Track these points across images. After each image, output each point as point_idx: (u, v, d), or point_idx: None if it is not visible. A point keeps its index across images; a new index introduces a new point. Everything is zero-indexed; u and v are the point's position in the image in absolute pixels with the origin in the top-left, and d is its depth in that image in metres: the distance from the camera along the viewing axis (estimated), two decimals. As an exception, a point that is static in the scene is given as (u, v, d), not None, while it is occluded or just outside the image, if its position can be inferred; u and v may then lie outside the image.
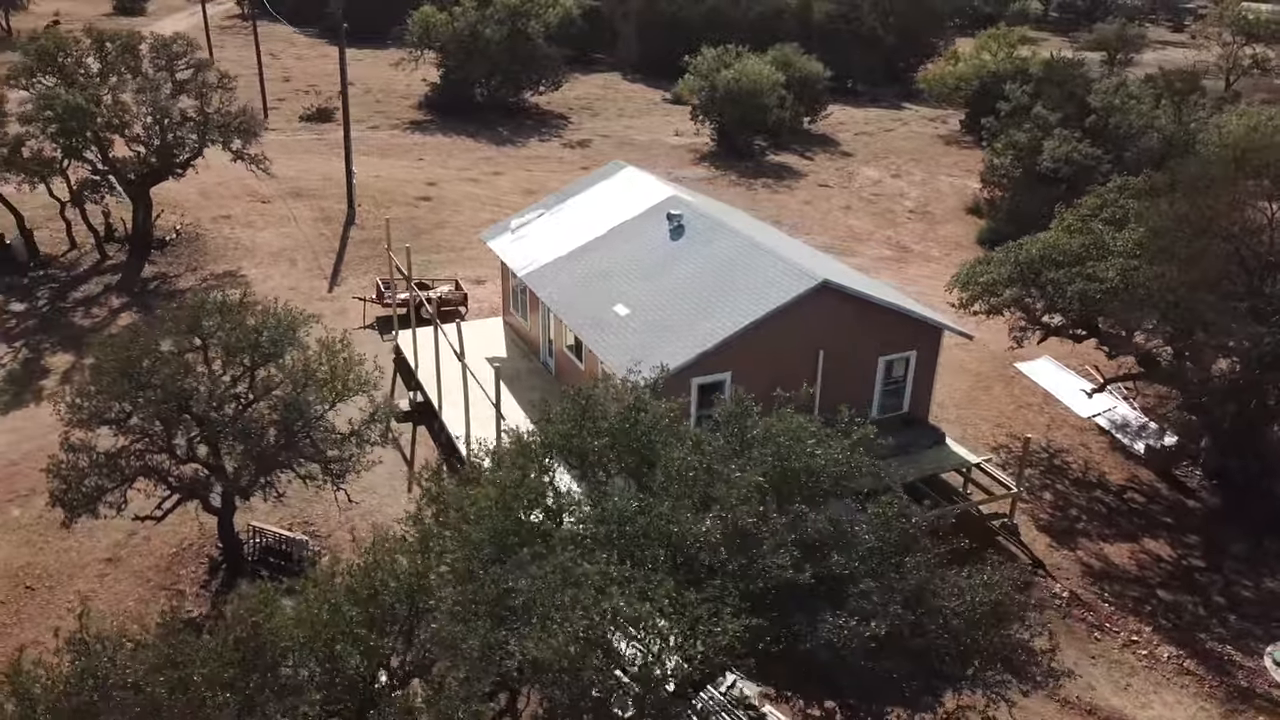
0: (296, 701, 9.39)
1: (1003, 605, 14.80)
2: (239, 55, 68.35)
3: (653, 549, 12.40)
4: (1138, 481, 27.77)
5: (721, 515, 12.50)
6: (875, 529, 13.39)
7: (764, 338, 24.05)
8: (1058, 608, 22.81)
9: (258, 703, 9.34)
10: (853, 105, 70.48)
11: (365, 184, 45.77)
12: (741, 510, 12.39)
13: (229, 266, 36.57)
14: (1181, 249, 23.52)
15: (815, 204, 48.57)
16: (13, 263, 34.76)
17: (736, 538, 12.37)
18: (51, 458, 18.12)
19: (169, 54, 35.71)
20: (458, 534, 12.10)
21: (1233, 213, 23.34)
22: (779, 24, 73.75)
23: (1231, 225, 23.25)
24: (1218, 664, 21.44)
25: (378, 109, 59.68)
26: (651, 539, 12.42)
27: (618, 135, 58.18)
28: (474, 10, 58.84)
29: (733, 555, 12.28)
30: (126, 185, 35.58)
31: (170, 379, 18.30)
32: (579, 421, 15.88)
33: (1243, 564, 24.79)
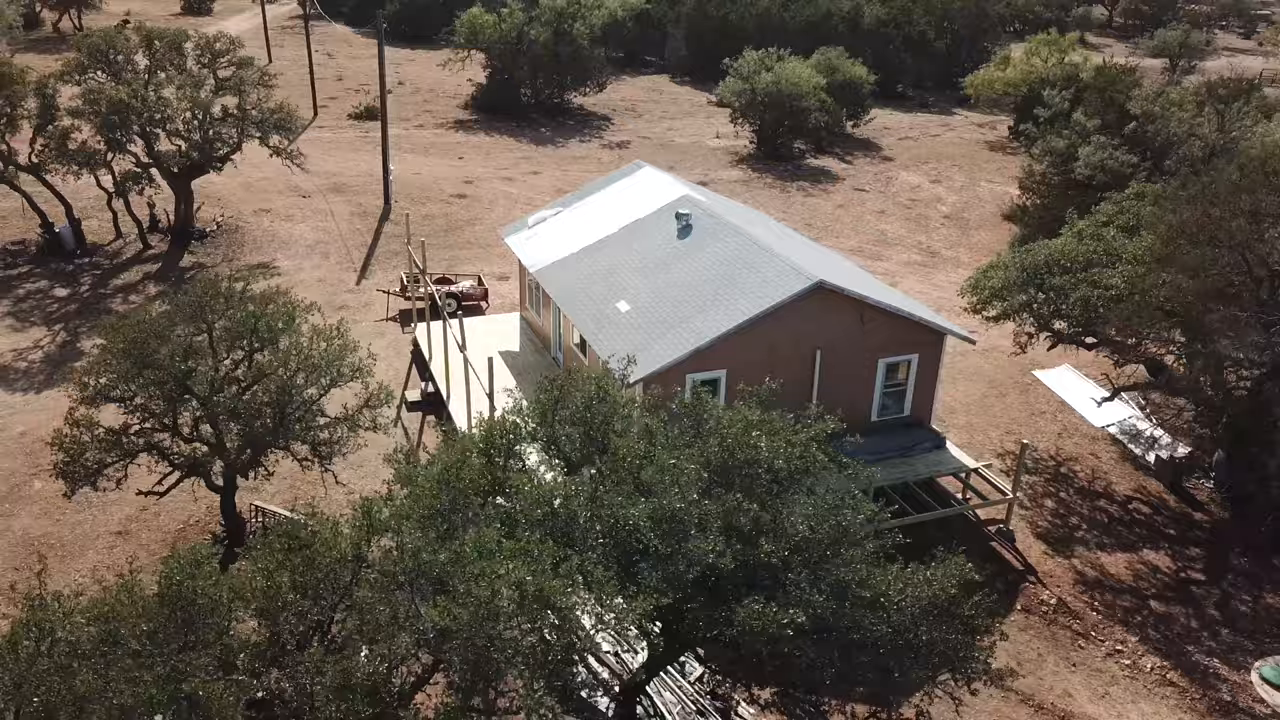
0: (218, 658, 10.01)
1: (941, 600, 14.95)
2: (297, 54, 70.20)
3: (586, 530, 12.83)
4: (1145, 493, 27.43)
5: (653, 500, 12.88)
6: (809, 520, 13.64)
7: (759, 336, 24.33)
8: (1043, 614, 22.72)
9: (182, 658, 9.97)
10: (901, 110, 70.06)
11: (404, 180, 46.88)
12: (671, 495, 12.76)
13: (264, 258, 37.82)
14: (1184, 256, 23.25)
15: (849, 208, 48.51)
16: (61, 250, 36.34)
17: (665, 523, 12.75)
18: (56, 431, 19.15)
19: (212, 52, 37.01)
20: (399, 509, 12.68)
21: (1235, 221, 22.97)
22: (829, 28, 73.60)
23: (1235, 235, 22.89)
24: (1202, 677, 21.19)
25: (425, 108, 60.93)
26: (584, 521, 12.85)
27: (658, 137, 58.65)
28: (521, 12, 59.83)
29: (661, 539, 12.66)
30: (169, 178, 36.99)
31: (173, 360, 19.16)
32: (551, 409, 16.44)
33: (1245, 579, 24.40)
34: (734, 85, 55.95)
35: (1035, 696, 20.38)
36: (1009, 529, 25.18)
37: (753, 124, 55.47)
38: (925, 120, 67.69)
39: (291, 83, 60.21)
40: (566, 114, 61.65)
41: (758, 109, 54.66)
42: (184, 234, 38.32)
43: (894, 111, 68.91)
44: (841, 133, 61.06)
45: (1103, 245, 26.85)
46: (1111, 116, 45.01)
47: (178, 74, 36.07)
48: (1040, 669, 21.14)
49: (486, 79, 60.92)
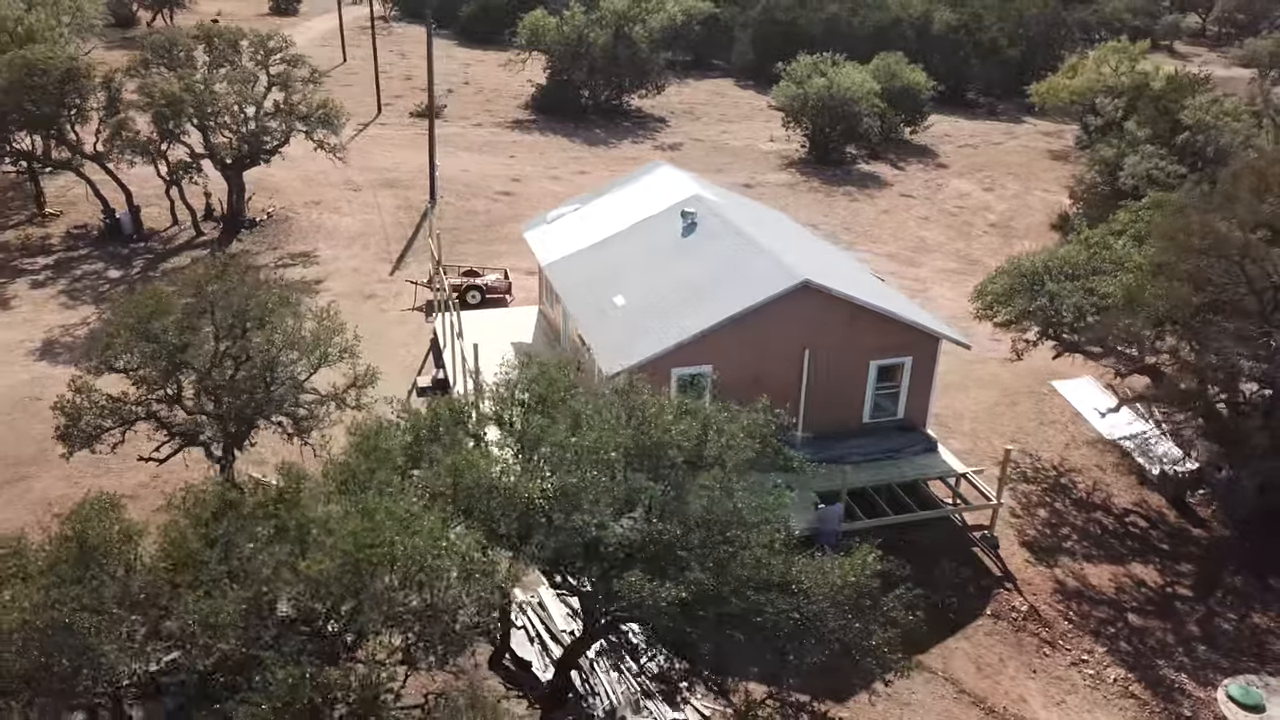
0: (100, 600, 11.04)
1: (852, 590, 15.23)
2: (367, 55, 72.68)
3: (486, 503, 13.57)
4: (1145, 507, 26.99)
5: (552, 476, 13.55)
6: (706, 502, 14.09)
7: (746, 333, 24.71)
8: (1013, 621, 22.63)
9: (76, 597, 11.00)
10: (966, 117, 69.28)
11: (453, 177, 48.30)
12: (566, 471, 13.41)
13: (306, 247, 39.50)
14: (1180, 265, 22.91)
15: (893, 214, 48.29)
16: (119, 235, 38.55)
17: (558, 497, 13.40)
18: (60, 396, 20.64)
19: (265, 50, 38.82)
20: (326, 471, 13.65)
21: (1236, 232, 22.57)
22: (897, 33, 73.11)
23: (1228, 244, 22.49)
24: (1166, 691, 20.91)
25: (486, 107, 62.47)
26: (487, 494, 13.58)
27: (711, 140, 59.11)
28: (582, 15, 60.95)
29: (553, 513, 13.31)
30: (222, 168, 38.93)
31: (165, 334, 20.49)
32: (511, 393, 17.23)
33: (1234, 597, 23.90)
34: (787, 89, 56.13)
35: (988, 700, 20.38)
36: (993, 535, 25.08)
37: (804, 128, 55.54)
38: (989, 128, 66.77)
39: (363, 81, 62.44)
40: (623, 115, 62.54)
41: (809, 113, 54.73)
42: (235, 222, 40.25)
43: (958, 119, 68.17)
44: (898, 139, 60.70)
45: (1108, 253, 26.54)
46: (1164, 126, 44.06)
47: (232, 70, 37.88)
48: (999, 673, 21.12)
49: (546, 80, 62.14)
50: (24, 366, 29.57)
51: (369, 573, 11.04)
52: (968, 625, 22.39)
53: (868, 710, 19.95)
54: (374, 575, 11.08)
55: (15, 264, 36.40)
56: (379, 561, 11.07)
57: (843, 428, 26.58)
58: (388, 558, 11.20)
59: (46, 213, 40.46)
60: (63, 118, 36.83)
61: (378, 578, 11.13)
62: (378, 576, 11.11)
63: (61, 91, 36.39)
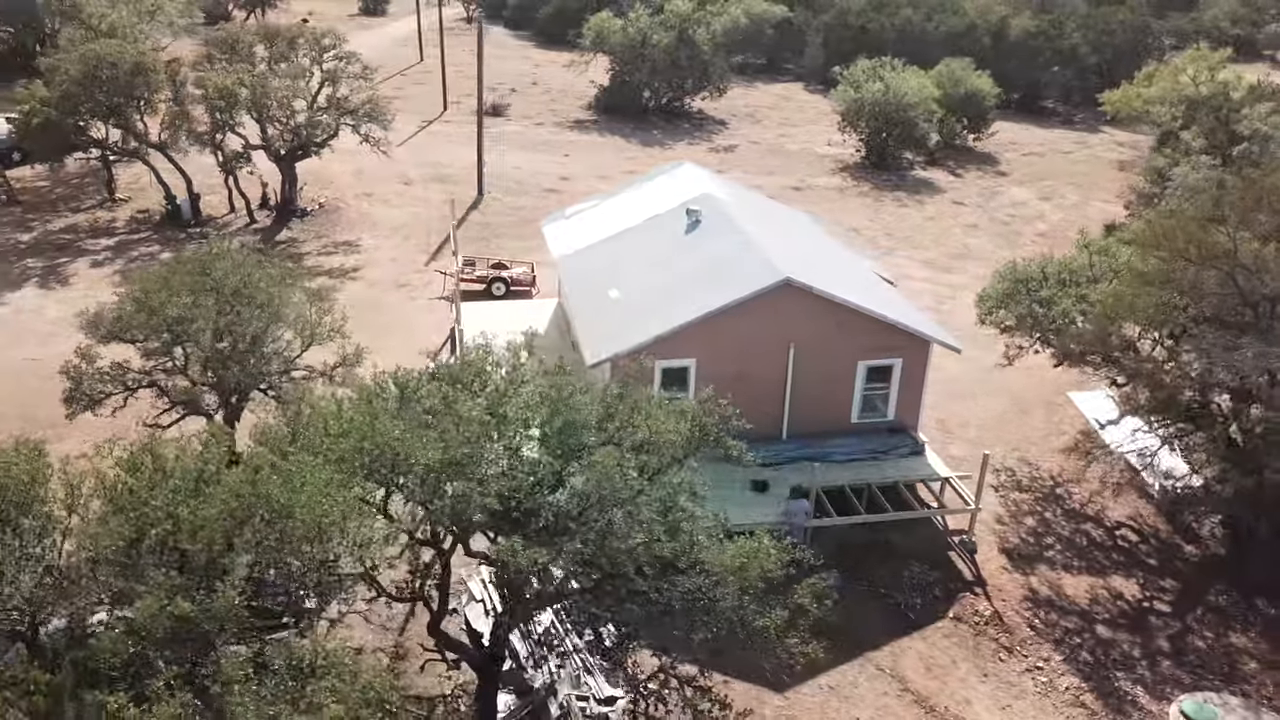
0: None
1: (758, 576, 15.62)
2: (449, 55, 74.78)
3: (389, 470, 14.47)
4: (1140, 520, 26.48)
5: (448, 446, 14.37)
6: (591, 478, 14.68)
7: (729, 328, 25.15)
8: (974, 624, 22.56)
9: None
10: (1040, 125, 67.88)
11: (505, 174, 49.68)
12: (458, 442, 14.20)
13: (350, 237, 41.22)
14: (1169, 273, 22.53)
15: (939, 220, 47.83)
16: (178, 220, 40.85)
17: (450, 466, 14.20)
18: (67, 362, 22.30)
19: (319, 47, 40.68)
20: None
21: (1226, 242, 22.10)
22: (972, 39, 72.06)
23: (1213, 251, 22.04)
24: (1118, 703, 20.60)
25: (550, 107, 63.80)
26: (391, 461, 14.47)
27: (769, 143, 59.30)
28: (647, 17, 61.82)
29: (444, 480, 14.14)
30: (275, 159, 40.94)
31: (163, 307, 22.01)
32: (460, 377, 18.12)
33: (1215, 615, 23.34)
34: (844, 94, 56.02)
35: (931, 699, 20.43)
36: (971, 540, 24.97)
37: (860, 133, 55.32)
38: (1061, 137, 65.30)
39: (437, 80, 64.35)
40: (684, 117, 63.15)
41: (866, 118, 54.51)
42: (287, 211, 42.24)
43: (1030, 126, 66.86)
44: (961, 145, 59.95)
45: (1108, 260, 26.15)
46: (1222, 137, 42.72)
47: (286, 66, 39.82)
48: (949, 674, 21.13)
49: (609, 81, 63.15)
50: (68, 338, 31.63)
51: (242, 519, 12.02)
52: (927, 626, 22.42)
53: (805, 700, 20.24)
54: (245, 522, 12.06)
55: (80, 244, 38.92)
56: (251, 509, 12.05)
57: (831, 427, 26.79)
58: (264, 506, 12.17)
59: (116, 198, 43.10)
60: (130, 108, 39.24)
61: (247, 525, 12.09)
62: (248, 524, 12.08)
63: (130, 84, 38.80)
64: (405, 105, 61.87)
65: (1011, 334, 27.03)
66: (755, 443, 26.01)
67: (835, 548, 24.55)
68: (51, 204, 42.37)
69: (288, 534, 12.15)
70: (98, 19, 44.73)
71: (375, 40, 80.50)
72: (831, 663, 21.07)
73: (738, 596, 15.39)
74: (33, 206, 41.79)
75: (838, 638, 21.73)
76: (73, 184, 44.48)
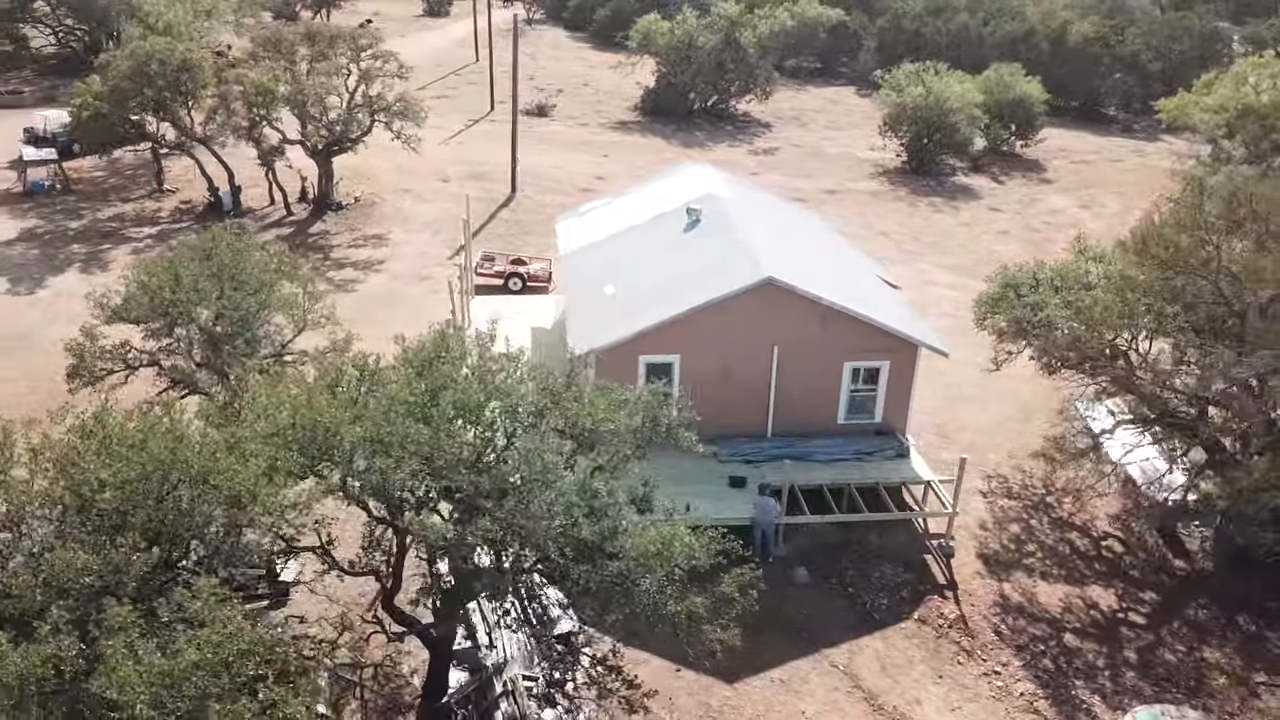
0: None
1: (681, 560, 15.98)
2: (502, 56, 76.01)
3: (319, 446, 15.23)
4: (1128, 532, 26.08)
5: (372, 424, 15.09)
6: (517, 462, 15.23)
7: (713, 326, 25.50)
8: (937, 627, 22.54)
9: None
10: (1096, 133, 66.62)
11: (542, 173, 50.56)
12: (381, 420, 14.90)
13: (380, 231, 42.45)
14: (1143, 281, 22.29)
15: (972, 227, 47.36)
16: (219, 210, 42.52)
17: (373, 443, 14.90)
18: (71, 339, 23.59)
19: (356, 47, 41.98)
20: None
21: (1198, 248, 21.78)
22: (1030, 44, 71.02)
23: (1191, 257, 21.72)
24: (1071, 711, 20.41)
25: (597, 108, 64.59)
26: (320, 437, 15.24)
27: (810, 146, 59.25)
28: (694, 19, 62.26)
29: (366, 456, 14.85)
30: (312, 154, 42.37)
31: (161, 292, 23.17)
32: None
33: (1191, 630, 22.92)
34: (886, 97, 55.77)
35: (880, 698, 20.51)
36: (948, 544, 24.89)
37: (900, 137, 54.98)
38: (1115, 144, 63.98)
39: (494, 78, 65.44)
40: (728, 120, 63.41)
41: (907, 122, 54.19)
42: (323, 205, 43.66)
43: (1084, 134, 65.68)
44: (1008, 151, 59.20)
45: (1101, 266, 25.84)
46: (1266, 145, 41.59)
47: (323, 64, 41.20)
48: (903, 675, 21.17)
49: (655, 82, 63.70)
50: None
51: (157, 481, 12.87)
52: (889, 627, 22.48)
53: (753, 691, 20.50)
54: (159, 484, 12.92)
55: (124, 232, 40.78)
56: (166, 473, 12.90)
57: (817, 427, 26.92)
58: (182, 471, 13.01)
59: (165, 189, 44.99)
60: (176, 103, 40.98)
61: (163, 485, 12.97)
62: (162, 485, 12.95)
63: (177, 79, 40.54)
64: (455, 104, 63.50)
65: (1002, 339, 26.84)
66: (740, 440, 26.79)
67: (810, 545, 24.84)
68: (104, 193, 44.44)
69: (202, 497, 12.94)
70: (155, 17, 46.75)
71: (436, 40, 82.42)
72: (786, 657, 21.45)
73: (660, 583, 15.76)
74: (86, 195, 43.89)
75: (797, 633, 22.18)
76: (126, 175, 46.58)
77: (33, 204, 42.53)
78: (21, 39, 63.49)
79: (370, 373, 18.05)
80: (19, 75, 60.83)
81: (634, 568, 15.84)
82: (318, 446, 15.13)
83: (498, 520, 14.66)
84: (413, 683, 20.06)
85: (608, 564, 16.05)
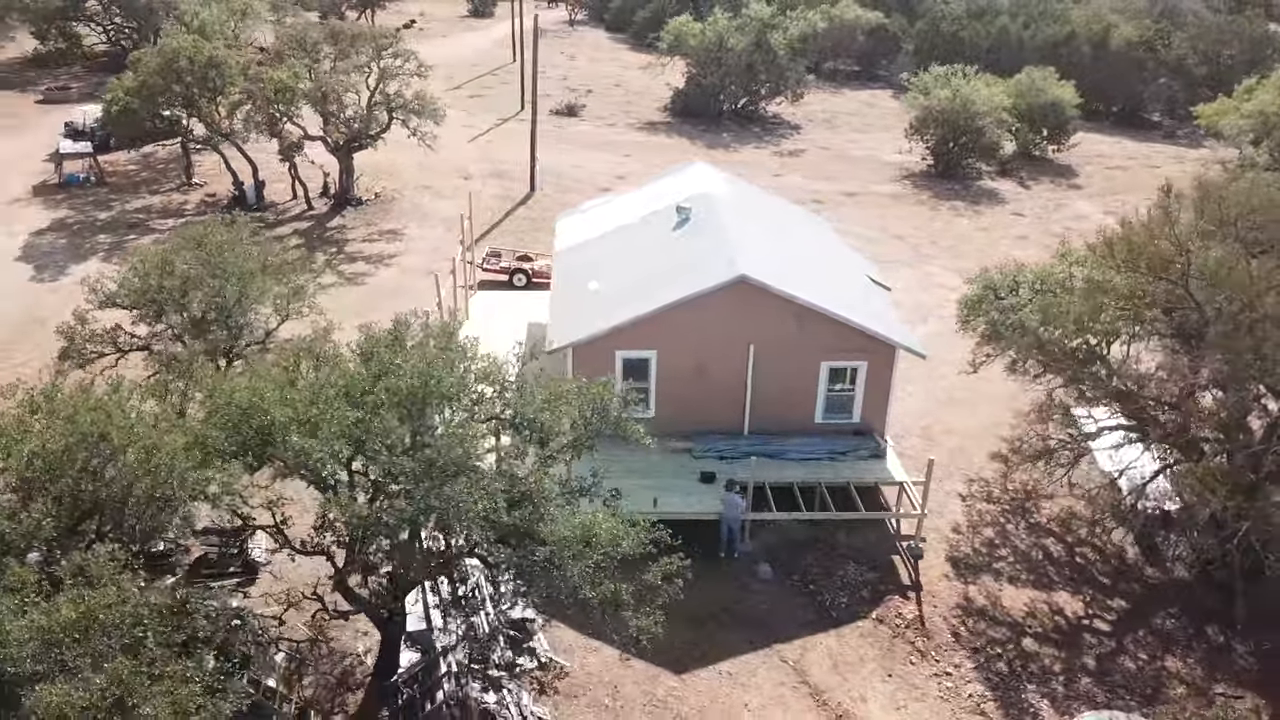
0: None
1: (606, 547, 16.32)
2: (541, 56, 76.77)
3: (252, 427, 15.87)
4: (1106, 539, 25.76)
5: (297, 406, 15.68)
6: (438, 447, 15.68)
7: (689, 323, 25.72)
8: (895, 627, 22.54)
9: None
10: (1134, 138, 65.43)
11: (563, 172, 51.13)
12: (309, 403, 15.46)
13: (397, 226, 43.33)
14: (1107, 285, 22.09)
15: (990, 231, 46.90)
16: (242, 203, 43.73)
17: (301, 424, 15.47)
18: (63, 322, 24.59)
19: (376, 45, 42.89)
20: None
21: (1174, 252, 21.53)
22: (1071, 48, 69.96)
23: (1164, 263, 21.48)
24: (1018, 715, 20.32)
25: (626, 109, 65.02)
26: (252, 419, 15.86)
27: (837, 148, 59.05)
28: (726, 20, 62.41)
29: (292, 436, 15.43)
30: (332, 150, 43.40)
31: (146, 278, 24.09)
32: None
33: (1156, 638, 22.63)
34: (913, 100, 55.43)
35: (826, 693, 20.61)
36: (917, 545, 24.83)
37: (926, 141, 54.57)
38: (1155, 150, 62.74)
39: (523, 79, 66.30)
40: (757, 121, 63.42)
41: (930, 125, 53.81)
42: (343, 200, 44.67)
43: (1123, 139, 64.54)
44: (1039, 156, 58.47)
45: (1081, 269, 25.59)
46: (1294, 153, 40.62)
47: (343, 62, 42.18)
48: (853, 672, 21.23)
49: (685, 84, 63.95)
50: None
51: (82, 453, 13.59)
52: (846, 625, 22.54)
53: (699, 682, 20.72)
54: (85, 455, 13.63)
55: (149, 223, 42.14)
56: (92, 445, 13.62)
57: (794, 425, 27.01)
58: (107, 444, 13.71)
59: (193, 183, 46.40)
60: (203, 99, 42.25)
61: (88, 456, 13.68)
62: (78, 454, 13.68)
63: (205, 76, 41.80)
64: (487, 103, 64.43)
65: (982, 342, 26.70)
66: (716, 437, 27.00)
67: (777, 542, 24.99)
68: (134, 186, 45.96)
69: (124, 470, 13.62)
70: (190, 16, 48.26)
71: (478, 40, 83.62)
72: (737, 650, 21.65)
73: (585, 569, 16.08)
74: (118, 188, 45.43)
75: (753, 628, 22.36)
76: (158, 169, 48.11)
77: (66, 195, 44.14)
78: (74, 37, 65.75)
79: (327, 359, 18.72)
80: (69, 72, 63.05)
81: (561, 553, 16.20)
82: (250, 427, 15.73)
83: (414, 501, 15.11)
84: (366, 661, 20.63)
85: (536, 549, 16.45)
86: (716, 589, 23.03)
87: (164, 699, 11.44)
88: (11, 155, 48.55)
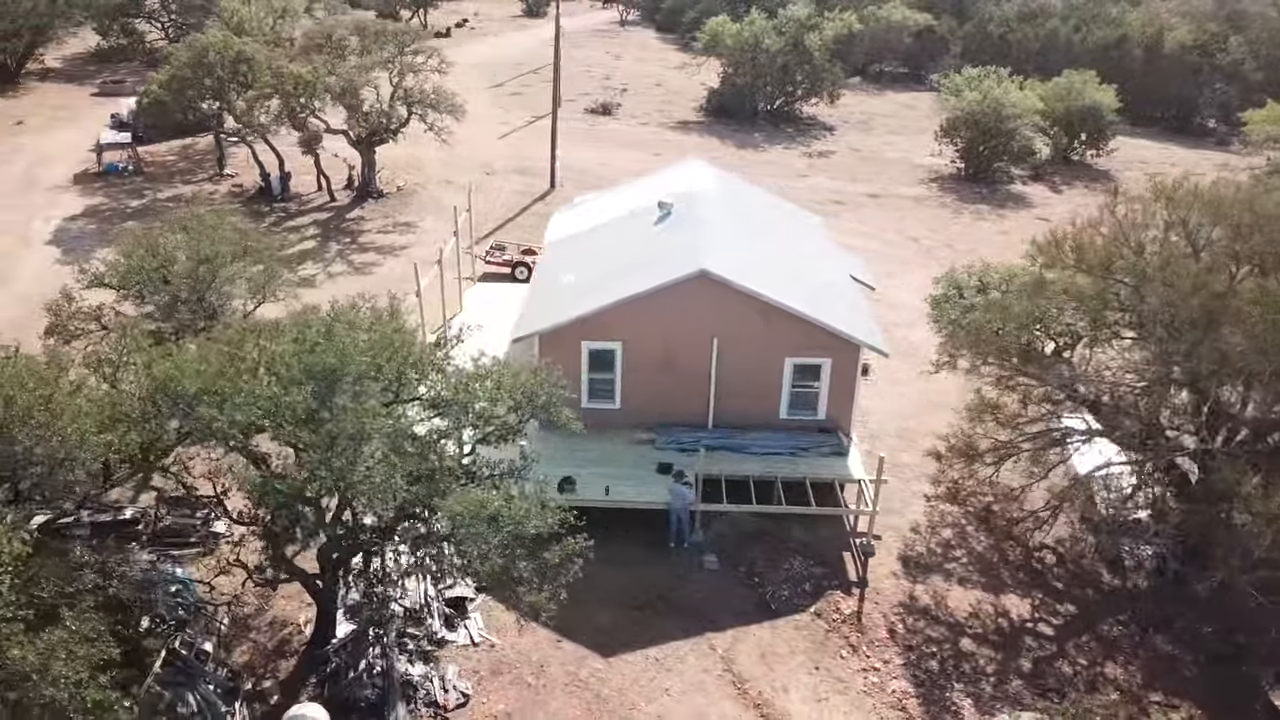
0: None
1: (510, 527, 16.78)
2: (587, 55, 77.90)
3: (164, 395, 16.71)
4: (1067, 546, 25.39)
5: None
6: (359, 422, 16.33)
7: (653, 315, 26.03)
8: (830, 621, 22.56)
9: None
10: (1184, 144, 63.82)
11: (587, 170, 51.69)
12: (214, 375, 16.25)
13: (412, 218, 44.36)
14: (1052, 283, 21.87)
15: (1010, 235, 46.16)
16: (267, 195, 45.22)
17: (209, 395, 16.25)
18: (50, 300, 25.87)
19: (400, 42, 43.97)
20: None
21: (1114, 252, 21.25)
22: (1123, 51, 68.46)
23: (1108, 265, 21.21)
24: (939, 712, 20.22)
25: (662, 108, 65.38)
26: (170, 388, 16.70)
27: (868, 150, 58.67)
28: (763, 21, 62.43)
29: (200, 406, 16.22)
30: (354, 144, 44.63)
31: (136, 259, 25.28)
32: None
33: (1100, 645, 22.28)
34: (945, 103, 54.84)
35: (747, 682, 20.74)
36: (869, 543, 24.79)
37: (955, 144, 53.94)
38: (1203, 157, 61.02)
39: (570, 77, 66.93)
40: (791, 122, 63.28)
41: (960, 128, 53.19)
42: (364, 192, 45.89)
43: (1171, 145, 63.03)
44: (1077, 161, 57.41)
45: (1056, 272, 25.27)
46: (1320, 159, 39.32)
47: (365, 58, 43.34)
48: (779, 664, 21.31)
49: (720, 83, 64.11)
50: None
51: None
52: (783, 617, 22.61)
53: (625, 666, 21.01)
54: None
55: (178, 211, 43.70)
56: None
57: (759, 420, 27.13)
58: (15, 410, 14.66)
59: (225, 174, 48.07)
60: (232, 93, 43.79)
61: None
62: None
63: (234, 70, 43.34)
64: (524, 100, 65.32)
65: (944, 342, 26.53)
66: (679, 429, 27.27)
67: (729, 534, 25.15)
68: (169, 176, 47.77)
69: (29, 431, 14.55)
70: (229, 14, 50.02)
71: (526, 39, 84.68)
72: (669, 637, 21.90)
73: (487, 546, 16.53)
74: (152, 178, 47.26)
75: (688, 616, 22.60)
76: (194, 160, 49.92)
77: (104, 184, 46.08)
78: (135, 33, 68.44)
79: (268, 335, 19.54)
80: (129, 66, 65.60)
81: (458, 530, 16.71)
82: (164, 395, 16.57)
83: (307, 470, 15.76)
84: (305, 631, 21.38)
85: (436, 523, 17.01)
86: (658, 577, 23.34)
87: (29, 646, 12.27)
88: (62, 146, 50.79)
